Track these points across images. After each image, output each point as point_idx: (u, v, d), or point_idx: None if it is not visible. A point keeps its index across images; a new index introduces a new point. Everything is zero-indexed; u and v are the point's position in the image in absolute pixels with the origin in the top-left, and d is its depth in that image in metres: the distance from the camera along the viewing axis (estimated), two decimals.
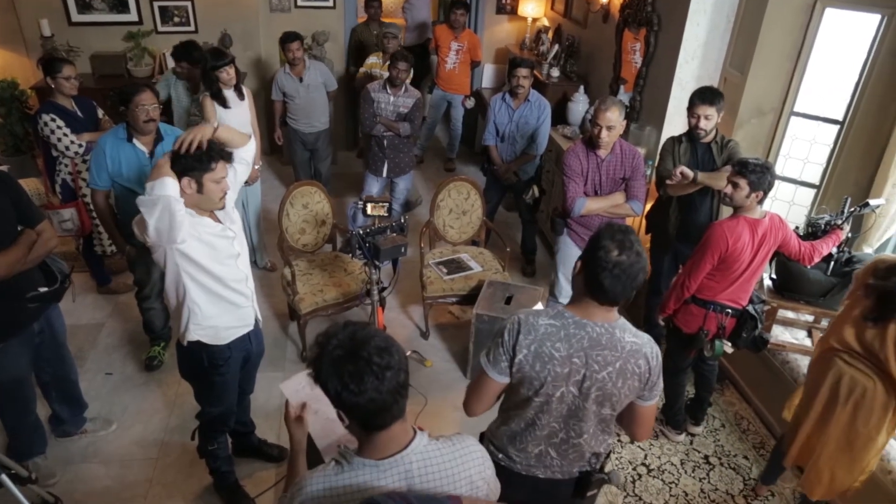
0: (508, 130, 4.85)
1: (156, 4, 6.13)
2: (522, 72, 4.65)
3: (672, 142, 3.75)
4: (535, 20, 7.16)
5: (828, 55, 3.85)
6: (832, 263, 3.49)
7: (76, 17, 6.01)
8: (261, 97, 6.52)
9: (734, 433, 3.82)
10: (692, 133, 3.63)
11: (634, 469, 3.55)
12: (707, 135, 3.61)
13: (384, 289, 3.78)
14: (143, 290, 3.86)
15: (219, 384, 2.85)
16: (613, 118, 3.55)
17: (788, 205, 4.19)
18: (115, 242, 3.70)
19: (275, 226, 4.46)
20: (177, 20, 6.24)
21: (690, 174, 3.51)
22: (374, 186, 5.23)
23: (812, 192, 4.06)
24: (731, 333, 3.29)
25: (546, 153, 5.11)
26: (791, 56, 3.93)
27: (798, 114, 4.04)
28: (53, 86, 4.00)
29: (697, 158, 3.67)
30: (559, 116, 5.55)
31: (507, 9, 7.35)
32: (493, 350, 2.02)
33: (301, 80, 5.25)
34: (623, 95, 5.05)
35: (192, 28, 6.26)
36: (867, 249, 3.65)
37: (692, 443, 3.75)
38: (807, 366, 3.09)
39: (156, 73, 6.17)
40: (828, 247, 3.28)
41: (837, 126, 3.83)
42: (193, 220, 2.48)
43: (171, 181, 2.38)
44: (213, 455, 3.09)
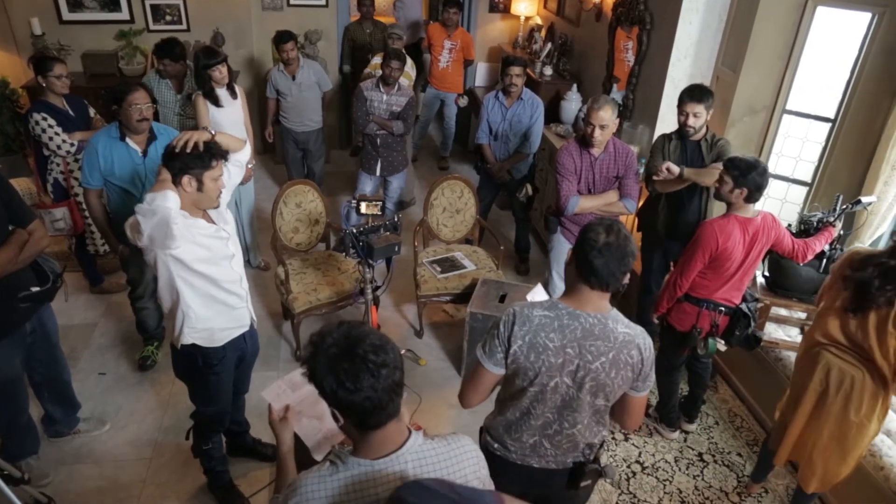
0: (502, 129, 4.85)
1: (147, 3, 6.09)
2: (515, 70, 4.65)
3: (663, 139, 3.76)
4: (528, 19, 7.17)
5: (819, 53, 3.86)
6: (825, 261, 3.52)
7: (67, 16, 5.98)
8: (253, 95, 6.51)
9: (728, 430, 3.83)
10: (682, 131, 3.64)
11: (629, 467, 3.56)
12: (696, 132, 3.61)
13: (378, 287, 3.77)
14: (137, 290, 3.84)
15: (214, 384, 2.84)
16: (606, 117, 3.55)
17: (781, 202, 4.20)
18: (108, 242, 3.68)
19: (268, 225, 4.45)
20: (168, 18, 6.21)
21: (676, 170, 3.51)
22: (368, 185, 5.22)
23: (804, 190, 4.08)
24: (725, 331, 3.30)
25: (539, 152, 5.11)
26: (783, 54, 3.95)
27: (790, 112, 4.05)
28: (45, 84, 3.97)
29: (687, 156, 3.68)
30: (552, 115, 5.56)
31: (500, 7, 7.36)
32: (489, 342, 2.06)
33: (294, 79, 5.24)
34: (616, 94, 5.06)
35: (184, 26, 6.24)
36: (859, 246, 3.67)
37: (686, 440, 3.76)
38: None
39: (147, 72, 6.14)
40: (820, 244, 3.30)
41: (829, 124, 3.85)
42: (188, 222, 2.47)
43: (174, 195, 2.37)
44: (208, 455, 3.09)
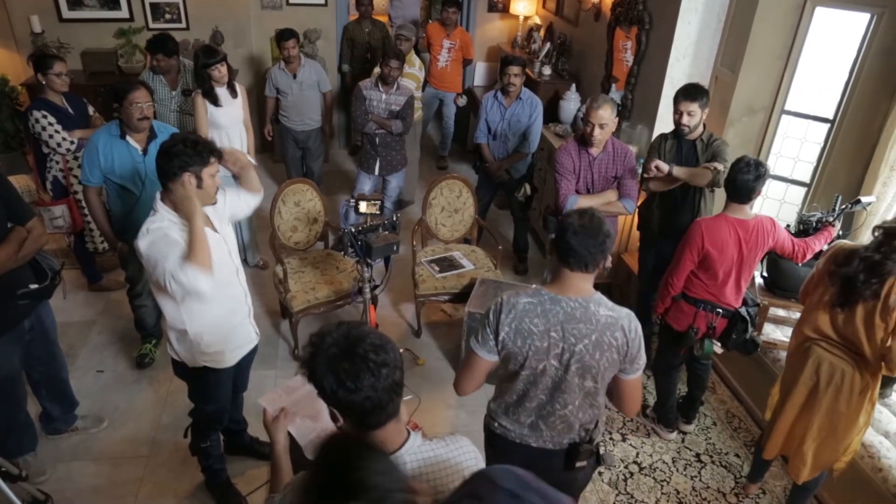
0: (500, 129, 4.85)
1: (147, 1, 6.09)
2: (514, 70, 4.65)
3: (660, 139, 3.76)
4: (527, 18, 7.17)
5: (818, 54, 3.87)
6: None
7: (67, 14, 5.98)
8: (252, 94, 6.50)
9: (725, 431, 3.84)
10: (677, 130, 3.63)
11: (626, 467, 3.56)
12: (692, 131, 3.59)
13: (376, 287, 3.78)
14: (135, 288, 3.84)
15: (213, 382, 2.85)
16: (606, 116, 3.55)
17: (779, 203, 4.21)
18: (107, 239, 3.68)
19: (266, 223, 4.45)
20: (168, 17, 6.21)
21: (665, 168, 3.48)
22: (367, 184, 5.22)
23: (803, 191, 4.08)
24: (722, 334, 3.31)
25: (538, 151, 5.11)
26: (782, 55, 3.95)
27: (789, 112, 4.05)
28: (44, 82, 3.98)
29: (682, 155, 3.66)
30: (551, 115, 5.56)
31: (499, 7, 7.36)
32: (481, 331, 2.17)
33: (295, 77, 5.24)
34: (615, 94, 5.06)
35: (184, 25, 6.24)
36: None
37: (684, 441, 3.76)
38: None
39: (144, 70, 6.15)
40: (820, 243, 3.30)
41: (828, 124, 3.85)
42: (184, 234, 2.47)
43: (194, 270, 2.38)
44: (206, 453, 3.09)
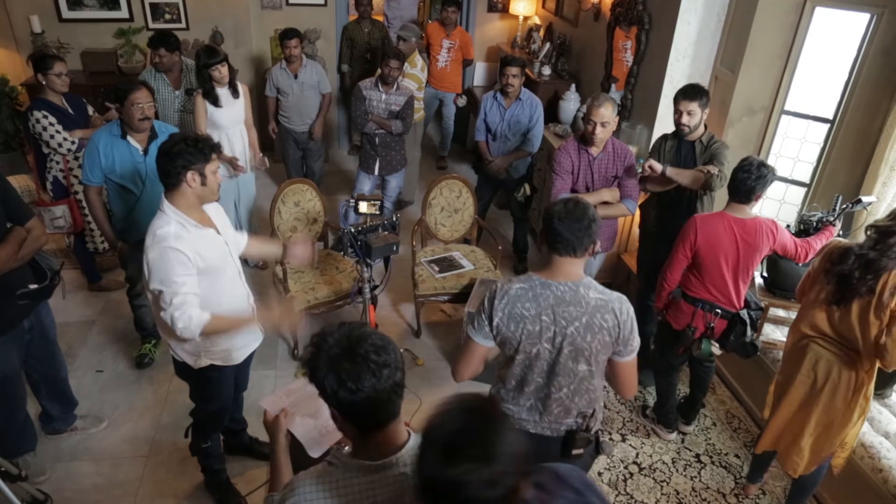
0: (500, 129, 4.85)
1: (146, 1, 6.09)
2: (512, 70, 4.64)
3: (661, 139, 3.75)
4: (527, 18, 7.17)
5: (818, 54, 3.87)
6: None
7: (67, 14, 5.98)
8: (253, 94, 6.49)
9: (725, 432, 3.84)
10: (677, 130, 3.63)
11: (626, 468, 3.56)
12: (692, 132, 3.56)
13: (376, 287, 3.78)
14: (135, 287, 3.84)
15: (216, 380, 2.84)
16: (607, 114, 3.55)
17: (779, 203, 4.20)
18: (107, 239, 3.69)
19: (266, 223, 4.45)
20: (168, 17, 6.21)
21: (659, 168, 3.46)
22: (366, 184, 5.22)
23: (803, 191, 4.08)
24: (721, 335, 3.31)
25: (538, 151, 5.11)
26: (782, 55, 3.95)
27: (789, 112, 4.05)
28: (45, 82, 3.97)
29: (681, 156, 3.66)
30: (550, 115, 5.56)
31: (499, 7, 7.36)
32: (477, 318, 2.24)
33: (296, 77, 5.24)
34: (614, 94, 5.06)
35: (183, 25, 6.24)
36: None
37: (683, 441, 3.76)
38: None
39: (146, 67, 6.14)
40: (820, 243, 3.30)
41: (828, 125, 3.85)
42: (199, 233, 2.51)
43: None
44: (206, 453, 3.08)
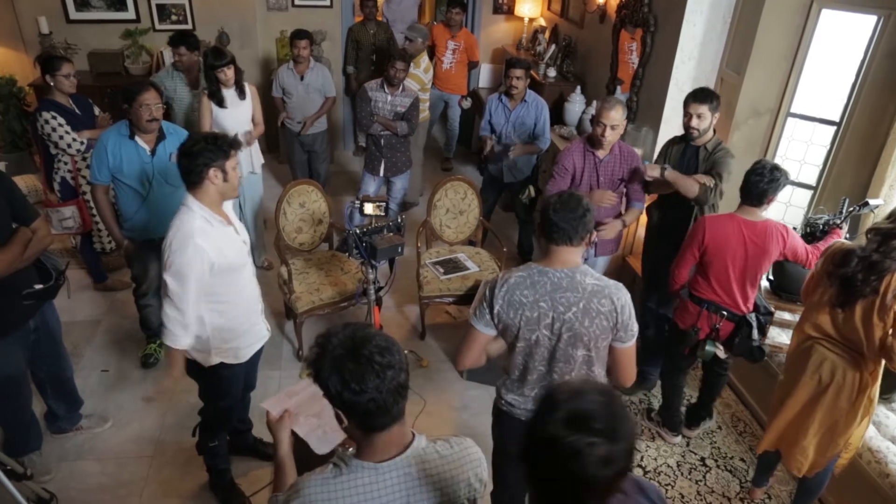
0: (505, 131, 4.84)
1: (153, 2, 6.12)
2: (517, 72, 4.64)
3: (669, 143, 3.74)
4: (532, 20, 7.17)
5: (824, 56, 3.86)
6: None
7: (74, 15, 6.02)
8: (259, 94, 6.52)
9: (731, 435, 3.82)
10: (686, 133, 3.60)
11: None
12: (700, 136, 3.51)
13: (381, 288, 3.78)
14: (141, 287, 3.85)
15: (227, 378, 2.86)
16: (617, 117, 3.54)
17: (785, 206, 4.19)
18: (114, 237, 3.71)
19: (272, 224, 4.46)
20: (174, 18, 6.24)
21: (654, 173, 3.43)
22: (371, 185, 5.23)
23: (809, 194, 4.07)
24: (728, 338, 3.30)
25: (543, 154, 5.11)
26: (787, 57, 3.94)
27: (795, 115, 4.04)
28: (53, 84, 3.99)
29: (685, 160, 3.62)
30: (556, 117, 5.55)
31: (504, 9, 7.37)
32: (478, 307, 2.30)
33: (302, 79, 5.25)
34: (620, 96, 5.05)
35: (190, 26, 6.26)
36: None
37: (688, 445, 3.74)
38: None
39: (153, 71, 6.17)
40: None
41: (834, 127, 3.84)
42: (222, 230, 2.57)
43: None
44: (213, 452, 3.09)
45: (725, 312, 3.23)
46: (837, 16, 3.72)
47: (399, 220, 3.60)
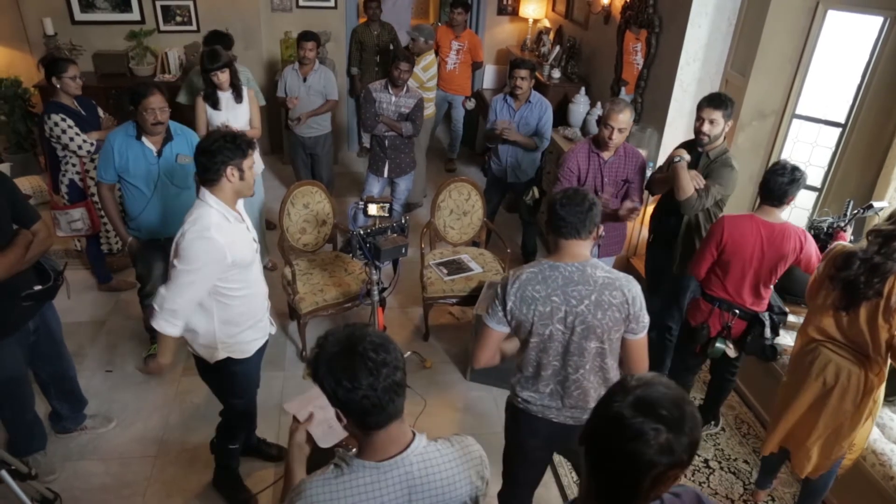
0: None
1: (158, 4, 6.14)
2: (521, 73, 4.64)
3: (678, 147, 3.72)
4: (537, 21, 7.17)
5: (830, 58, 3.85)
6: None
7: (79, 16, 6.04)
8: (263, 93, 6.53)
9: (734, 437, 3.81)
10: (697, 138, 3.56)
11: None
12: (711, 142, 3.46)
13: (384, 289, 3.78)
14: (145, 287, 3.86)
15: (241, 373, 2.86)
16: (625, 120, 3.53)
17: (790, 208, 4.17)
18: (119, 235, 3.72)
19: (278, 226, 4.46)
20: (179, 19, 6.26)
21: (686, 157, 3.43)
22: (375, 186, 5.23)
23: (814, 196, 4.06)
24: (740, 336, 3.29)
25: (547, 154, 5.10)
26: (793, 58, 3.93)
27: (800, 116, 4.03)
28: (59, 86, 3.99)
29: (689, 166, 3.62)
30: (560, 118, 5.54)
31: (509, 10, 7.36)
32: (491, 305, 2.34)
33: (305, 81, 5.25)
34: (624, 97, 5.05)
35: (194, 27, 6.28)
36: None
37: None
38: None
39: (157, 73, 6.18)
40: None
41: (839, 129, 3.83)
42: (237, 226, 2.60)
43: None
44: (232, 454, 3.10)
45: (738, 311, 3.22)
46: (843, 17, 3.71)
47: (403, 221, 3.60)
